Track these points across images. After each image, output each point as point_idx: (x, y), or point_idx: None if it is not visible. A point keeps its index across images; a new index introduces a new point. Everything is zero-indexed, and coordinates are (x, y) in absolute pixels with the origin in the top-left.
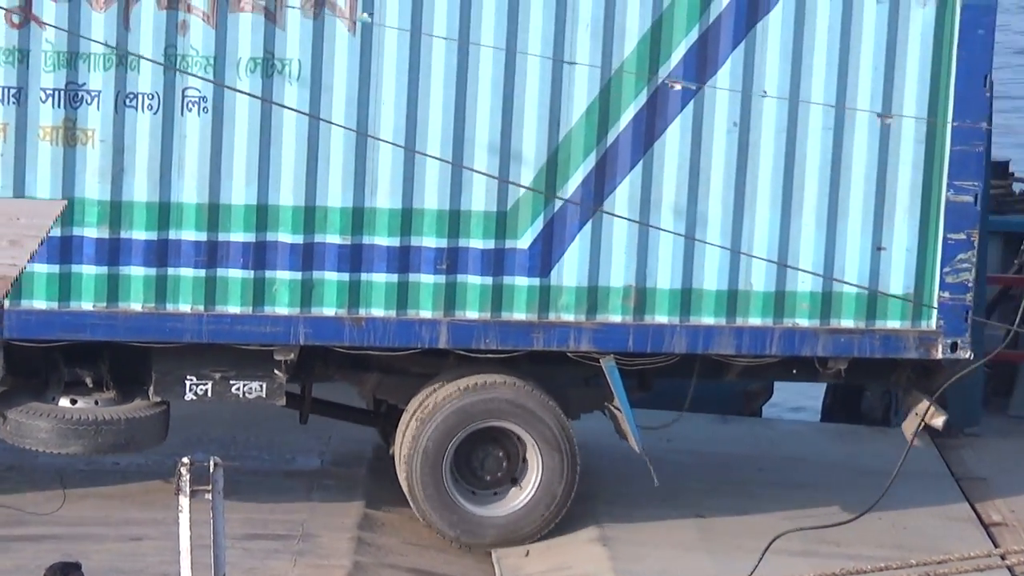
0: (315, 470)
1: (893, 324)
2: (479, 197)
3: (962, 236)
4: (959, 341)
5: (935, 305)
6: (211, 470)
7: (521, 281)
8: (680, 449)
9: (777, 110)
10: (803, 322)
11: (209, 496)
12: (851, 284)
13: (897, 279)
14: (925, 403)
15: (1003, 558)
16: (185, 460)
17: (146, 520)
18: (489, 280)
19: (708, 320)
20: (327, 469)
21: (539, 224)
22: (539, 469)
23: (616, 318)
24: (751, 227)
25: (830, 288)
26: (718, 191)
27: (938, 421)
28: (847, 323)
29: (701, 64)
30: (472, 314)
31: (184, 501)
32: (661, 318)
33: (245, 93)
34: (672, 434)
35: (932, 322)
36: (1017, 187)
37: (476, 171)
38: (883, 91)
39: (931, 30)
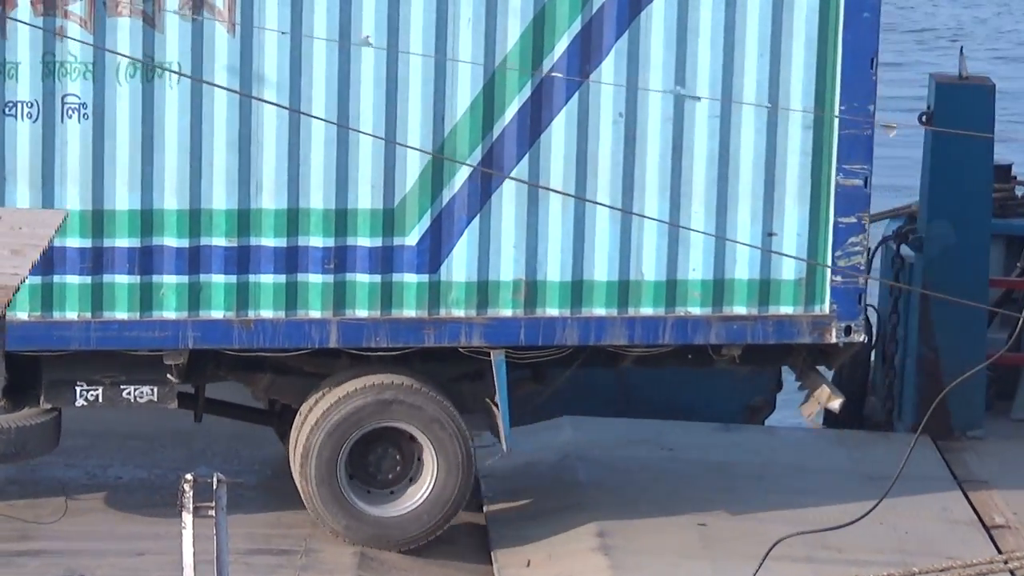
0: None
1: (786, 309)
2: (365, 195)
3: (853, 220)
4: (852, 324)
5: (827, 289)
6: (214, 486)
7: (410, 278)
8: (681, 457)
9: (663, 99)
10: (695, 310)
11: (212, 512)
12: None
13: (788, 264)
14: (823, 386)
15: (1006, 562)
16: (188, 477)
17: (149, 534)
18: (378, 278)
19: (599, 311)
20: None
21: (427, 221)
22: (434, 468)
23: (507, 312)
24: (640, 217)
25: (722, 275)
26: (606, 182)
27: (835, 404)
28: (740, 310)
29: (585, 55)
30: (362, 313)
31: (187, 517)
32: (552, 311)
33: (241, 93)
34: (673, 442)
35: (825, 306)
36: (1020, 191)
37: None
38: (769, 77)
39: (816, 14)
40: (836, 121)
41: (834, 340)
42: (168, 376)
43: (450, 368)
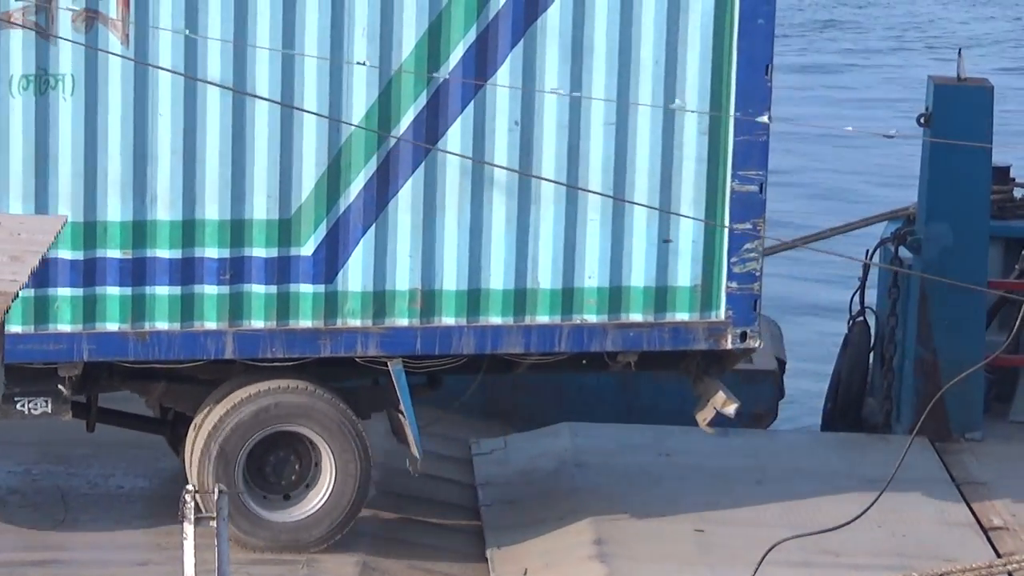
0: None
1: (682, 316)
2: (260, 206)
3: (747, 225)
4: (748, 331)
5: (723, 295)
6: (216, 497)
7: (306, 288)
8: (679, 463)
9: (558, 107)
10: (591, 318)
11: (214, 523)
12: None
13: (684, 271)
14: (719, 391)
15: (1005, 565)
16: (189, 488)
17: (151, 544)
18: (274, 289)
19: (496, 320)
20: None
21: (322, 230)
22: (332, 473)
23: (403, 321)
24: (536, 225)
25: (617, 283)
26: (502, 190)
27: (730, 409)
28: (635, 317)
29: (481, 63)
30: (258, 323)
31: (189, 528)
32: (448, 320)
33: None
34: (671, 448)
35: (721, 313)
36: (1018, 192)
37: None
38: (665, 84)
39: (711, 21)
40: (731, 127)
41: (730, 346)
42: (61, 388)
43: (348, 373)
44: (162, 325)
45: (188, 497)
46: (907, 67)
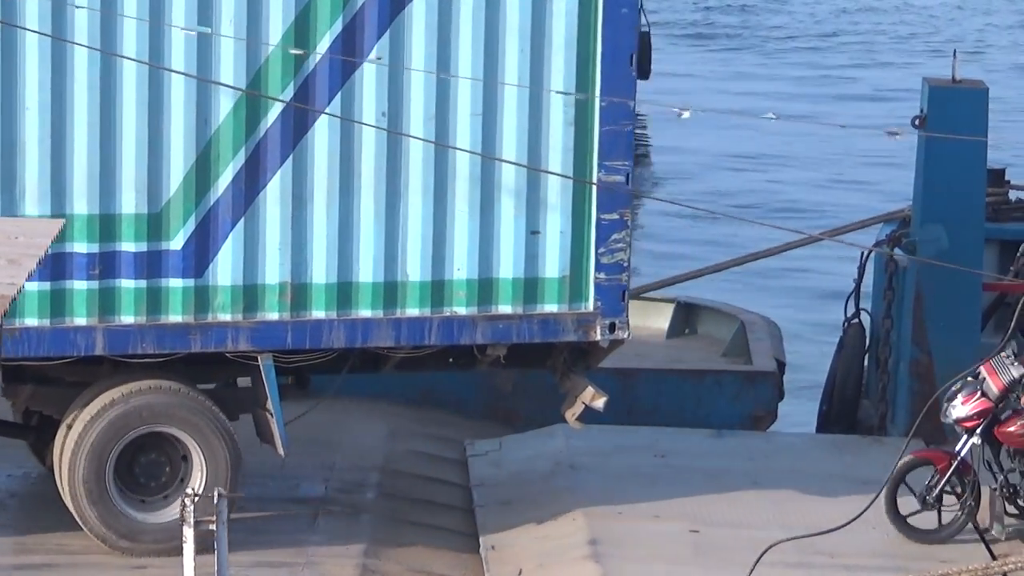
0: (320, 497)
1: (551, 308)
2: (129, 200)
3: (615, 216)
4: (617, 322)
5: (591, 286)
6: (215, 501)
7: (176, 283)
8: (674, 464)
9: (425, 97)
10: (461, 310)
11: (213, 526)
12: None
13: (553, 262)
14: (586, 386)
15: (1002, 567)
16: (189, 491)
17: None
18: (144, 283)
19: (366, 313)
20: (332, 496)
21: (191, 224)
22: (202, 472)
23: (273, 315)
24: (405, 217)
25: (487, 275)
26: (370, 182)
27: (599, 403)
28: (505, 309)
29: (348, 54)
30: (128, 319)
31: (188, 532)
32: (318, 313)
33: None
34: (666, 449)
35: (590, 304)
36: (1013, 195)
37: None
38: (531, 73)
39: (576, 10)
40: (597, 118)
41: (599, 337)
42: None
43: (215, 371)
44: (31, 321)
45: (188, 500)
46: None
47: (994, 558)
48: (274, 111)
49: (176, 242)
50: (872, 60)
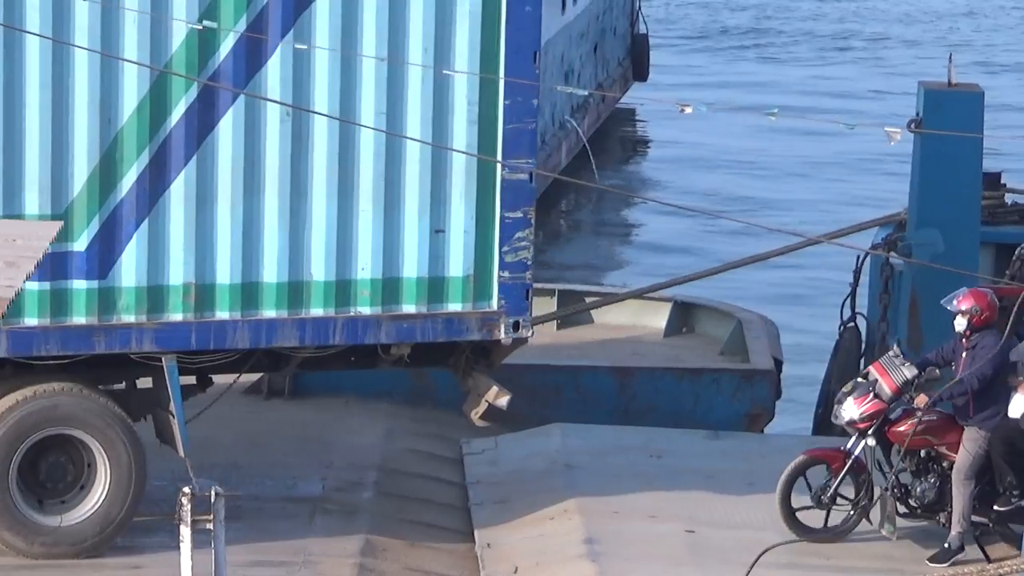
0: (317, 496)
1: (455, 307)
2: (33, 201)
3: (519, 214)
4: (521, 320)
5: (495, 285)
6: (212, 499)
7: (79, 284)
8: (670, 464)
9: (329, 97)
10: (365, 310)
11: (211, 526)
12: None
13: (457, 261)
14: (490, 385)
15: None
16: (186, 490)
17: (147, 547)
18: (47, 285)
19: (270, 313)
20: (329, 495)
21: (95, 225)
22: (106, 474)
23: (177, 316)
24: (309, 217)
25: (391, 274)
26: (274, 182)
27: (503, 400)
28: (409, 308)
29: (252, 55)
30: (31, 321)
31: (185, 531)
32: (223, 314)
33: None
34: (662, 449)
35: (494, 303)
36: (1009, 199)
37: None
38: (435, 73)
39: (479, 9)
40: (500, 116)
41: (503, 336)
42: None
43: (117, 374)
44: None
45: (185, 499)
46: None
47: (989, 561)
48: (178, 111)
49: (80, 243)
50: (880, 63)
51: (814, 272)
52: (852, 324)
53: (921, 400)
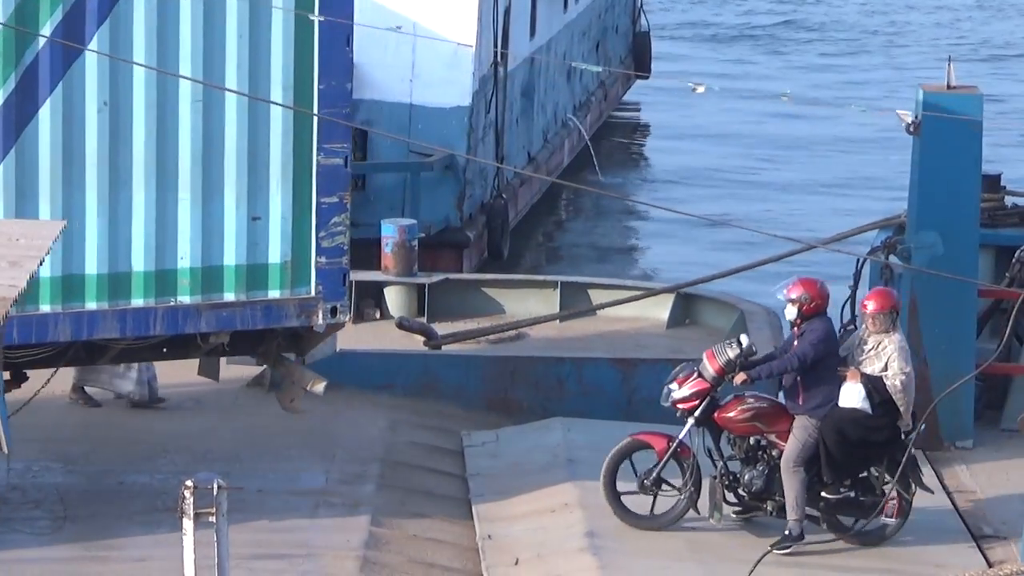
0: (320, 488)
1: (274, 293)
2: None
3: (335, 199)
4: (338, 306)
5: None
6: (215, 492)
7: None
8: None
9: (146, 86)
10: (185, 299)
11: (213, 518)
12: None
13: (275, 248)
14: (303, 372)
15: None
16: (189, 483)
17: (150, 541)
18: None
19: (91, 305)
20: (332, 487)
21: None
22: None
23: None
24: (128, 207)
25: (211, 262)
26: (93, 173)
27: (319, 387)
28: (229, 296)
29: (68, 47)
30: None
31: (188, 524)
32: (44, 307)
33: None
34: None
35: (311, 288)
36: (1008, 201)
37: None
38: (250, 59)
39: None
40: (315, 101)
41: (321, 321)
42: None
43: None
44: None
45: (187, 492)
46: None
47: (990, 565)
48: None
49: None
50: (895, 63)
51: (814, 272)
52: (852, 327)
53: (740, 378)
